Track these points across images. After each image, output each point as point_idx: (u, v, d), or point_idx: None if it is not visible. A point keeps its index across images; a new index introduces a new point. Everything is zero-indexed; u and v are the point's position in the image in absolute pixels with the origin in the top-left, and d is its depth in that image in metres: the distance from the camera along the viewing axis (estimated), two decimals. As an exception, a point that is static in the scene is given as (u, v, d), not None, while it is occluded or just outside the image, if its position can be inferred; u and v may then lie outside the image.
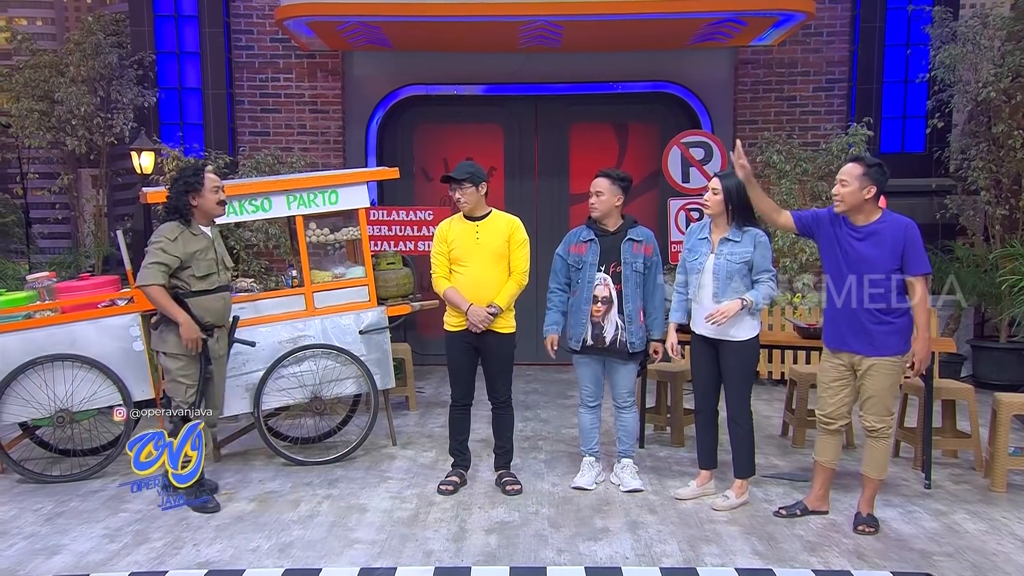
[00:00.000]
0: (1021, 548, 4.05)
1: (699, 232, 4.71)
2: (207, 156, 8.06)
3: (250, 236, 7.96)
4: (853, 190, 4.13)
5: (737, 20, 7.50)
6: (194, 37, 8.82)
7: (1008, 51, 7.62)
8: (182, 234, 4.71)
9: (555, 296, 4.97)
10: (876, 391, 4.17)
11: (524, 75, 8.84)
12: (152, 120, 8.73)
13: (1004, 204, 7.83)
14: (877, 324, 4.13)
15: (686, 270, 4.72)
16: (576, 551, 4.07)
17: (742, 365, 4.60)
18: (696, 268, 4.62)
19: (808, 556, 3.98)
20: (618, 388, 4.94)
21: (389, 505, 4.74)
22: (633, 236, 4.83)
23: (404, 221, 7.83)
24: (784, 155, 7.89)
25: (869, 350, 4.16)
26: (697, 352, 4.72)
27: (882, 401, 4.18)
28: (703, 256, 4.62)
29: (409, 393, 7.11)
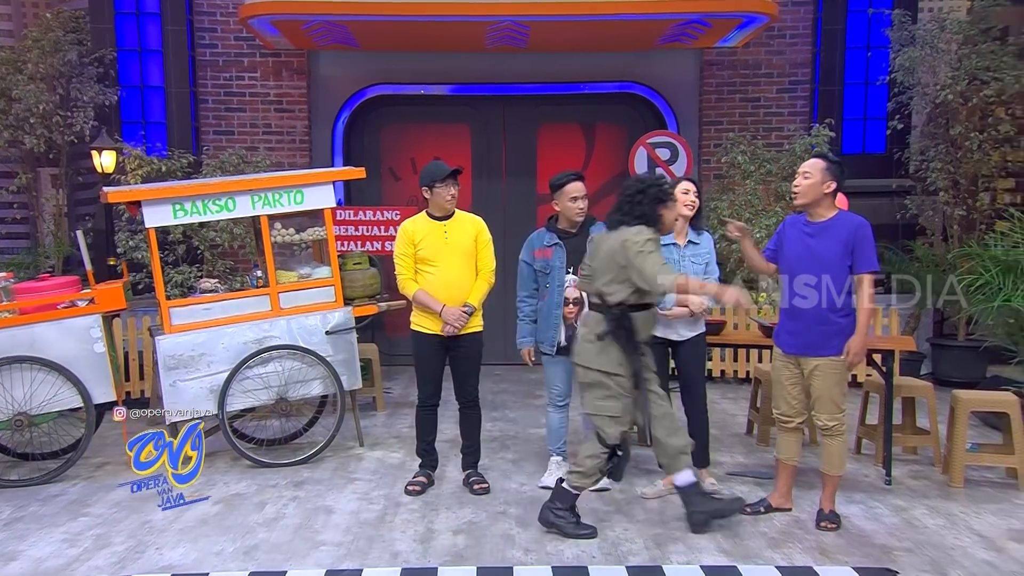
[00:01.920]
0: (978, 542, 4.13)
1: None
2: (170, 155, 7.95)
3: (214, 236, 7.87)
4: (815, 183, 4.19)
5: (702, 22, 7.56)
6: (156, 34, 8.69)
7: (964, 55, 7.77)
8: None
9: (526, 305, 4.96)
10: (824, 390, 4.24)
11: (492, 75, 8.84)
12: (113, 118, 8.59)
13: (962, 205, 7.98)
14: (824, 324, 4.18)
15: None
16: (543, 551, 4.07)
17: (700, 359, 4.88)
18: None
19: (772, 553, 4.02)
20: None
21: (356, 506, 4.71)
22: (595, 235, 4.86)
23: (371, 221, 7.79)
24: (748, 156, 7.97)
25: (815, 350, 4.21)
26: (659, 354, 4.72)
27: (831, 400, 4.24)
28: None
29: (377, 394, 7.08)
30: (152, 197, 5.40)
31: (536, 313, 4.93)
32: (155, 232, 5.47)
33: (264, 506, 4.72)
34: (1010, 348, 5.94)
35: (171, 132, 8.71)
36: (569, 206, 4.82)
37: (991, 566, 3.86)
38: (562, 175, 4.87)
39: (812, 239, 4.22)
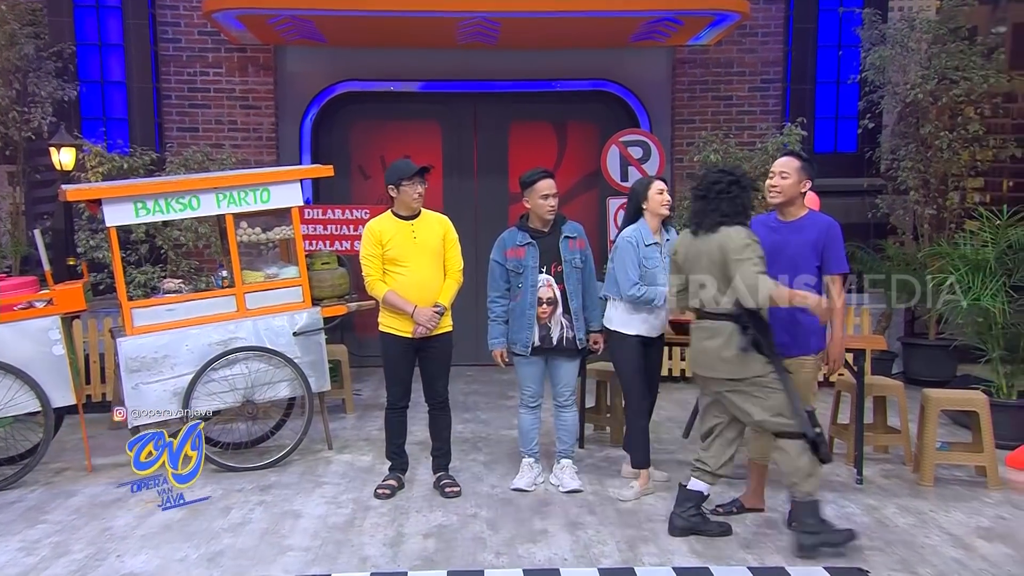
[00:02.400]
0: (947, 541, 4.20)
1: (645, 238, 4.77)
2: (132, 152, 7.85)
3: (178, 235, 7.78)
4: (792, 182, 4.24)
5: (673, 19, 7.61)
6: (117, 28, 8.56)
7: (934, 54, 7.89)
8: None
9: (496, 306, 4.95)
10: None
11: (463, 72, 8.83)
12: (73, 114, 8.45)
13: (932, 204, 8.11)
14: (794, 323, 4.23)
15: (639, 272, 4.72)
16: (515, 553, 4.08)
17: (661, 353, 5.11)
18: (659, 273, 4.73)
19: (744, 553, 4.06)
20: (560, 386, 4.97)
21: (324, 511, 4.68)
22: (568, 233, 4.90)
23: (340, 220, 7.76)
24: (721, 155, 8.03)
25: (785, 350, 4.26)
26: (636, 354, 4.82)
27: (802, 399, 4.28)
28: (658, 259, 4.76)
29: (346, 396, 7.04)
30: (113, 195, 5.33)
31: (508, 313, 4.93)
32: (116, 231, 5.40)
33: (229, 511, 4.68)
34: (979, 347, 6.04)
35: (133, 128, 8.59)
36: (540, 204, 4.83)
37: (960, 564, 3.93)
38: (532, 172, 4.88)
39: (783, 238, 4.27)
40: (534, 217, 4.90)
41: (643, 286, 4.69)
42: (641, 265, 4.72)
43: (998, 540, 4.20)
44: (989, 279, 5.83)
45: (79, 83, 8.44)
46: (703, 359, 4.16)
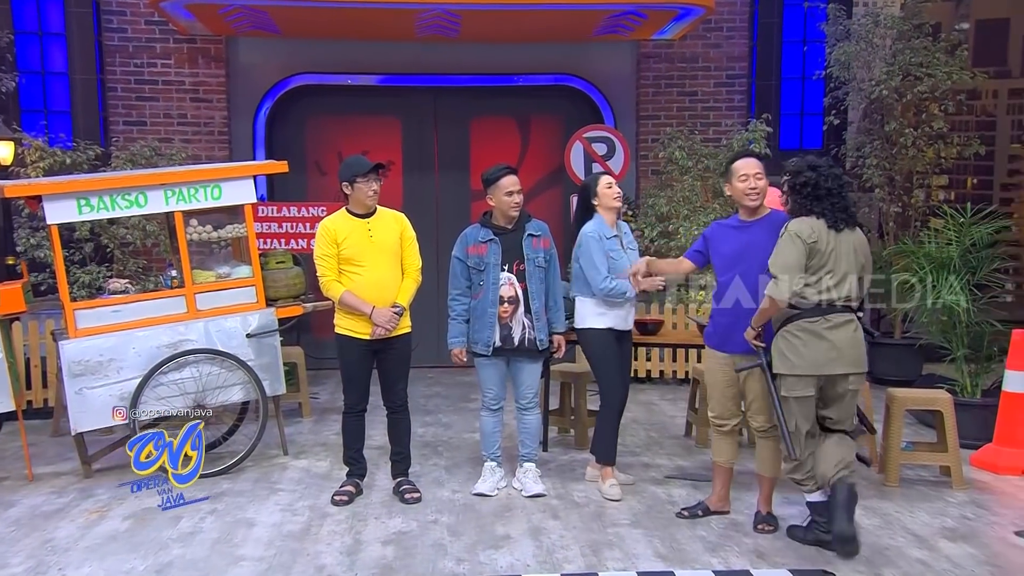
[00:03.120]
0: (912, 542, 4.28)
1: (606, 232, 4.83)
2: (76, 147, 7.70)
3: (125, 233, 7.65)
4: (766, 183, 4.32)
5: (637, 13, 7.65)
6: (59, 17, 8.38)
7: (898, 50, 8.02)
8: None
9: (457, 304, 4.94)
10: (761, 391, 4.33)
11: (423, 66, 8.79)
12: (11, 107, 8.25)
13: (897, 201, 8.25)
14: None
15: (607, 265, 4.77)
16: (476, 560, 4.07)
17: (631, 348, 5.18)
18: (620, 267, 4.77)
19: (709, 557, 4.09)
20: (523, 388, 4.97)
21: (279, 518, 4.64)
22: (532, 231, 4.90)
23: (296, 218, 7.68)
24: (686, 151, 8.10)
25: (750, 348, 4.31)
26: (612, 348, 4.89)
27: (767, 400, 4.34)
28: (620, 251, 4.83)
29: (302, 399, 6.98)
30: (54, 191, 5.23)
31: (468, 312, 4.92)
32: (58, 229, 5.29)
33: (179, 520, 4.61)
34: (944, 346, 6.15)
35: (76, 122, 8.41)
36: (504, 200, 4.83)
37: (924, 565, 4.00)
38: (495, 169, 4.88)
39: (752, 237, 4.31)
40: (498, 214, 4.89)
41: (613, 278, 4.74)
42: (608, 258, 4.75)
43: (962, 540, 4.29)
44: (953, 277, 5.95)
45: (17, 74, 8.24)
46: (856, 353, 4.07)
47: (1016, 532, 4.39)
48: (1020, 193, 9.78)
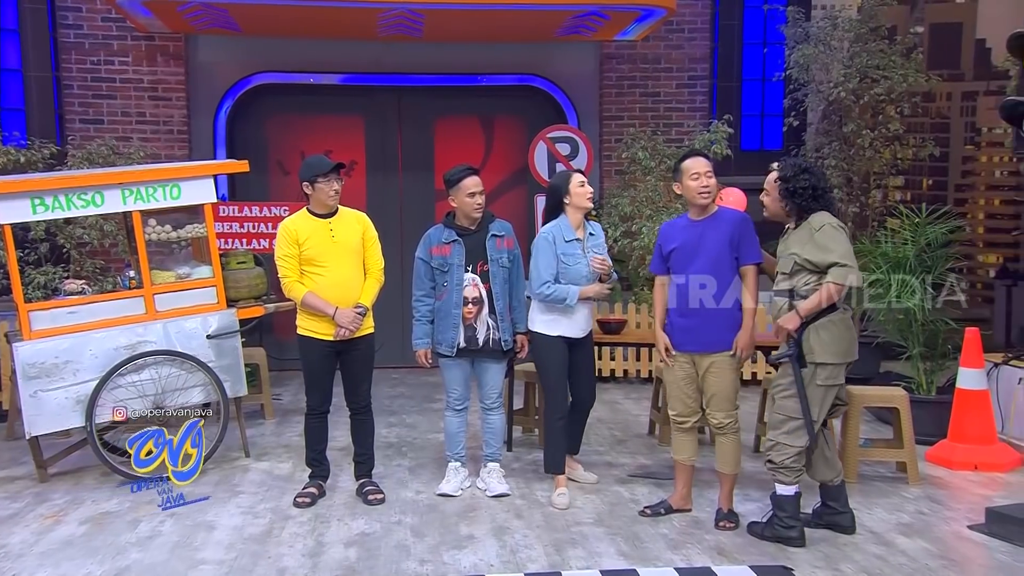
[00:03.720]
0: (869, 538, 4.35)
1: (563, 235, 4.76)
2: (30, 145, 7.55)
3: (82, 233, 7.53)
4: (715, 181, 4.37)
5: (599, 14, 7.69)
6: (11, 12, 8.22)
7: (856, 52, 8.15)
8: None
9: (422, 305, 4.92)
10: (719, 388, 4.38)
11: (386, 65, 8.76)
12: (-35, 104, 8.11)
13: (855, 202, 8.38)
14: (716, 319, 4.34)
15: (554, 271, 4.72)
16: (440, 560, 4.07)
17: (593, 353, 5.14)
18: (581, 269, 4.73)
19: (671, 554, 4.13)
20: (487, 388, 4.97)
21: (240, 521, 4.59)
22: (495, 231, 4.90)
23: (257, 217, 7.61)
24: (649, 151, 8.16)
25: (708, 347, 4.36)
26: (563, 355, 4.83)
27: (726, 397, 4.40)
28: (580, 256, 4.75)
29: (264, 401, 6.92)
30: (7, 190, 5.14)
31: (433, 313, 4.91)
32: (11, 229, 5.21)
33: (138, 524, 4.55)
34: (901, 344, 6.26)
35: (31, 120, 8.27)
36: (467, 201, 4.82)
37: (881, 560, 4.07)
38: (457, 169, 4.87)
39: (699, 235, 4.37)
40: (460, 215, 4.89)
41: (553, 284, 4.67)
42: (560, 263, 4.72)
43: (917, 535, 4.37)
44: (909, 277, 6.06)
45: (-30, 71, 8.10)
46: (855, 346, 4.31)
47: (969, 526, 4.48)
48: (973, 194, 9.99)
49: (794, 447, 4.17)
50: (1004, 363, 5.88)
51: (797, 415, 4.16)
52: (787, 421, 4.19)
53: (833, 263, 4.07)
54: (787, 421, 4.19)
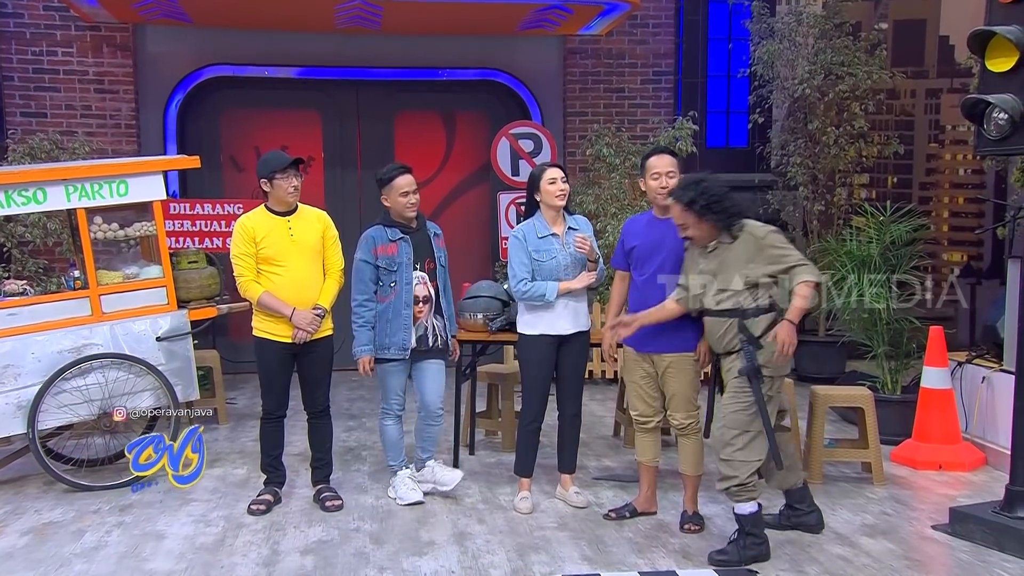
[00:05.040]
0: (833, 539, 4.41)
1: (536, 231, 4.70)
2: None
3: (24, 232, 7.37)
4: (677, 181, 4.38)
5: (563, 7, 7.71)
6: (-51, 0, 8.05)
7: (820, 49, 8.26)
8: None
9: (365, 310, 4.80)
10: (678, 388, 4.42)
11: (344, 58, 8.70)
12: (-102, 96, 7.90)
13: (820, 200, 8.49)
14: (674, 319, 4.35)
15: (529, 269, 4.66)
16: (399, 568, 4.05)
17: (584, 358, 4.92)
18: (557, 266, 4.65)
19: (636, 558, 4.15)
20: (431, 396, 4.93)
21: (191, 530, 4.53)
22: (433, 230, 4.95)
23: (210, 215, 7.54)
24: (614, 148, 8.19)
25: (666, 346, 4.39)
26: (544, 355, 4.72)
27: (685, 397, 4.43)
28: (557, 252, 4.67)
29: (218, 405, 6.84)
30: (-56, 187, 5.01)
31: (375, 318, 4.83)
32: (-51, 227, 5.09)
33: (83, 534, 4.47)
34: (866, 343, 6.36)
35: (-31, 113, 8.10)
36: (399, 201, 4.79)
37: (845, 561, 4.13)
38: (389, 168, 4.85)
39: (662, 234, 4.40)
40: (394, 215, 4.84)
41: (529, 282, 4.64)
42: (532, 260, 4.68)
43: (881, 536, 4.44)
44: (874, 275, 6.15)
45: (-97, 61, 7.90)
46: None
47: (933, 526, 4.57)
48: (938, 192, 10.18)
49: (750, 462, 4.09)
50: (968, 362, 6.00)
51: (749, 428, 4.08)
52: (741, 435, 4.08)
53: (794, 265, 4.10)
54: (741, 435, 4.08)
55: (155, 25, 8.38)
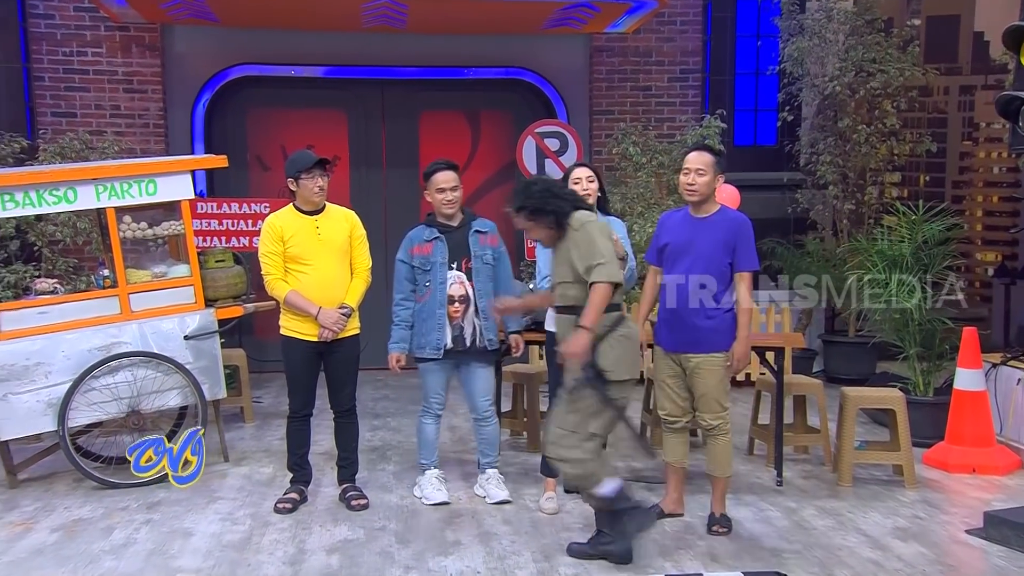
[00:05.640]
0: (864, 542, 4.37)
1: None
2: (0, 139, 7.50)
3: (54, 231, 7.47)
4: (709, 180, 4.36)
5: (590, 5, 7.69)
6: (-20, 3, 8.18)
7: (851, 45, 8.18)
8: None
9: (402, 310, 4.88)
10: (707, 389, 4.40)
11: (370, 57, 8.73)
12: (-69, 97, 8.04)
13: (851, 199, 8.41)
14: (704, 320, 4.35)
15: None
16: (425, 567, 4.06)
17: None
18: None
19: (663, 561, 4.13)
20: (478, 397, 4.94)
21: (218, 528, 4.57)
22: (478, 228, 4.89)
23: (237, 214, 7.60)
24: (640, 147, 8.16)
25: (695, 347, 4.37)
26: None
27: (714, 398, 4.41)
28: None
29: (244, 404, 6.90)
30: (-23, 186, 5.09)
31: (412, 317, 4.87)
32: (-19, 226, 5.17)
33: (112, 531, 4.52)
34: (897, 344, 6.29)
35: (0, 113, 8.20)
36: (437, 198, 4.82)
37: (876, 565, 4.09)
38: (433, 164, 4.87)
39: (694, 234, 4.38)
40: (437, 213, 4.87)
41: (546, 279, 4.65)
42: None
43: (913, 540, 4.39)
44: (905, 275, 6.08)
45: (-64, 61, 8.03)
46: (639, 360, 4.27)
47: (967, 530, 4.51)
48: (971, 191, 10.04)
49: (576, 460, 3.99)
50: (1002, 363, 5.92)
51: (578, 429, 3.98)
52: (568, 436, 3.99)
53: (595, 264, 3.89)
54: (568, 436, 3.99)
55: (183, 25, 8.46)
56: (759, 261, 4.45)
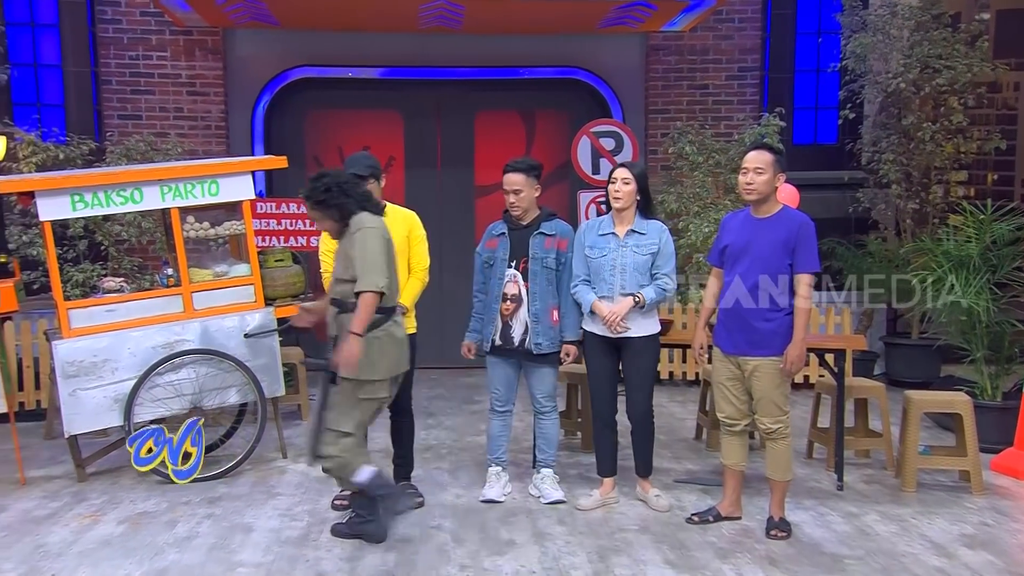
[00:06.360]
0: (929, 549, 4.27)
1: (598, 228, 4.74)
2: (69, 141, 7.72)
3: (120, 231, 7.68)
4: (768, 179, 4.30)
5: (647, 4, 7.64)
6: (51, 7, 8.40)
7: (916, 41, 8.00)
8: None
9: (476, 300, 5.01)
10: (765, 392, 4.34)
11: (425, 58, 8.80)
12: (3, 100, 8.29)
13: (914, 198, 8.23)
14: (763, 322, 4.29)
15: (586, 268, 4.72)
16: (480, 566, 4.08)
17: (648, 362, 4.76)
18: (605, 264, 4.66)
19: (720, 564, 4.09)
20: (536, 393, 4.96)
21: (277, 524, 4.65)
22: (545, 230, 4.86)
23: (295, 214, 7.69)
24: (697, 146, 8.09)
25: (753, 350, 4.32)
26: (596, 352, 4.78)
27: (773, 401, 4.35)
28: (611, 251, 4.67)
29: (302, 401, 6.99)
30: (47, 187, 5.24)
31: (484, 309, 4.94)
32: (51, 226, 5.32)
33: (175, 525, 4.63)
34: (963, 347, 6.14)
35: (70, 116, 8.45)
36: (505, 199, 4.85)
37: (943, 572, 4.00)
38: (508, 163, 4.91)
39: (753, 235, 4.32)
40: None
41: (579, 285, 4.72)
42: (587, 258, 4.72)
43: (981, 548, 4.28)
44: (972, 276, 5.93)
45: (9, 66, 8.28)
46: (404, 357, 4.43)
47: (1037, 539, 4.39)
48: (1042, 189, 9.74)
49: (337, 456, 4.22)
50: (1074, 368, 5.74)
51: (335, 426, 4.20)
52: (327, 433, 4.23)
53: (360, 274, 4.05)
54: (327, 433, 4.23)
55: (244, 28, 8.63)
56: (820, 262, 4.37)
